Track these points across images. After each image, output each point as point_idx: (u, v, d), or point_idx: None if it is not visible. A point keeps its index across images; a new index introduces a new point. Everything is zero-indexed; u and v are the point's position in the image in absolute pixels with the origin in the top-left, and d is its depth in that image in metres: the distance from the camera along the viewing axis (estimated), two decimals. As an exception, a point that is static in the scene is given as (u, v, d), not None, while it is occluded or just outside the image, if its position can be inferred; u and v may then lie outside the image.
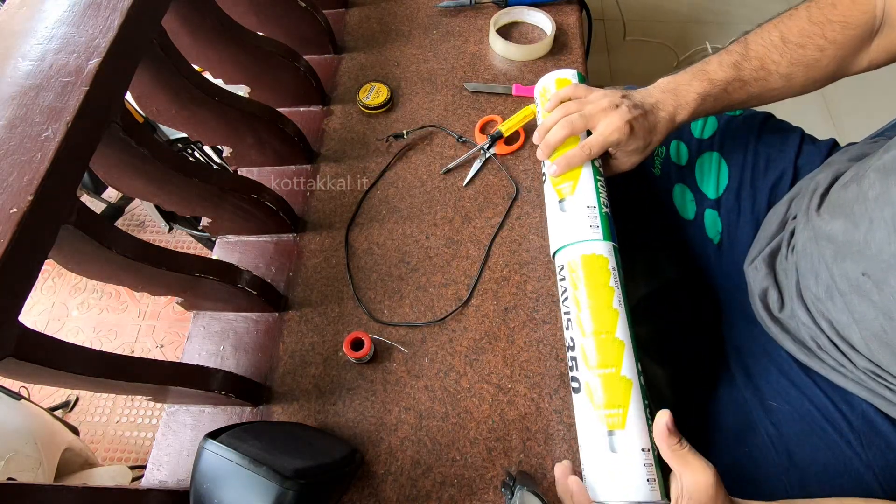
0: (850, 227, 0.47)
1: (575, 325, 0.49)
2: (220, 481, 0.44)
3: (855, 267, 0.46)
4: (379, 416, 0.56)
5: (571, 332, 0.50)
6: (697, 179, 0.68)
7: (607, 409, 0.45)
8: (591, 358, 0.47)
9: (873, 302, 0.45)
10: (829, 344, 0.50)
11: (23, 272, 0.34)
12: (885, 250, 0.44)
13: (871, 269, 0.45)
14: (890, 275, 0.43)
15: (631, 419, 0.45)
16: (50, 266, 1.42)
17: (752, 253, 0.62)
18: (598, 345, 0.47)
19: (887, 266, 0.43)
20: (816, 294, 0.51)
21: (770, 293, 0.57)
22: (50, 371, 0.37)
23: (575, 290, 0.50)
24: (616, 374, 0.46)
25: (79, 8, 0.44)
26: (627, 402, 0.45)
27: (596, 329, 0.48)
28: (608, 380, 0.46)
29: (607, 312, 0.48)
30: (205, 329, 0.64)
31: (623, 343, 0.47)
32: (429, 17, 0.87)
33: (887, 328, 0.44)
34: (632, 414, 0.45)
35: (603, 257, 0.51)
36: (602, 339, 0.47)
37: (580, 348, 0.48)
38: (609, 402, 0.46)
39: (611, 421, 0.45)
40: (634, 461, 0.43)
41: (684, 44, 1.68)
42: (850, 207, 0.48)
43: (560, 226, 0.55)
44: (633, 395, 0.45)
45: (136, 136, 0.46)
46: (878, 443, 0.49)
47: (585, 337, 0.48)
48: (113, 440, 1.26)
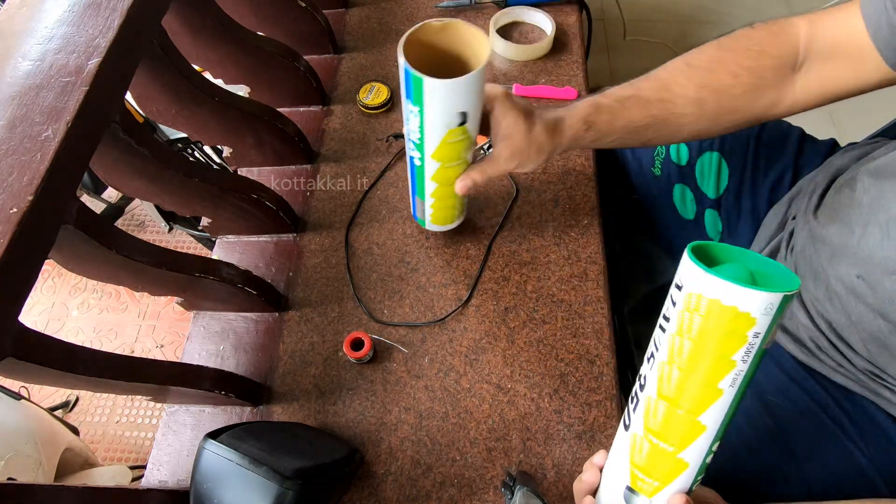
0: (845, 231, 0.47)
1: (654, 373, 0.35)
2: (220, 481, 0.44)
3: (850, 270, 0.46)
4: (379, 416, 0.56)
5: (649, 373, 0.36)
6: (697, 179, 0.68)
7: (643, 473, 0.37)
8: (654, 422, 0.36)
9: (869, 304, 0.45)
10: (829, 345, 0.50)
11: (23, 272, 0.34)
12: (876, 254, 0.44)
13: (865, 272, 0.45)
14: (884, 277, 0.43)
15: (662, 496, 0.37)
16: (50, 266, 1.42)
17: None
18: (671, 416, 0.35)
19: (881, 269, 0.43)
20: (815, 295, 0.51)
21: None
22: (50, 371, 0.37)
23: (679, 333, 0.33)
24: (672, 455, 0.35)
25: (79, 8, 0.44)
26: (670, 482, 0.36)
27: (677, 400, 0.34)
28: (660, 454, 0.36)
29: (706, 391, 0.33)
30: (205, 329, 0.64)
31: (704, 428, 0.34)
32: (429, 17, 0.87)
33: (884, 329, 0.44)
34: (668, 490, 0.36)
35: (744, 315, 0.30)
36: (679, 415, 0.34)
37: (647, 401, 0.36)
38: (649, 470, 0.37)
39: (640, 484, 0.37)
40: None
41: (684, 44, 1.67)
42: (845, 212, 0.48)
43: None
44: (682, 477, 0.36)
45: (136, 136, 0.46)
46: (880, 438, 0.49)
47: (660, 398, 0.35)
48: (113, 440, 1.26)
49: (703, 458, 0.35)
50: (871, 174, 0.47)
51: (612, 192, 0.75)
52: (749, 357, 0.32)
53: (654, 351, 0.36)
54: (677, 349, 0.33)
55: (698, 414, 0.34)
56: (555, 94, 0.77)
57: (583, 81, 0.78)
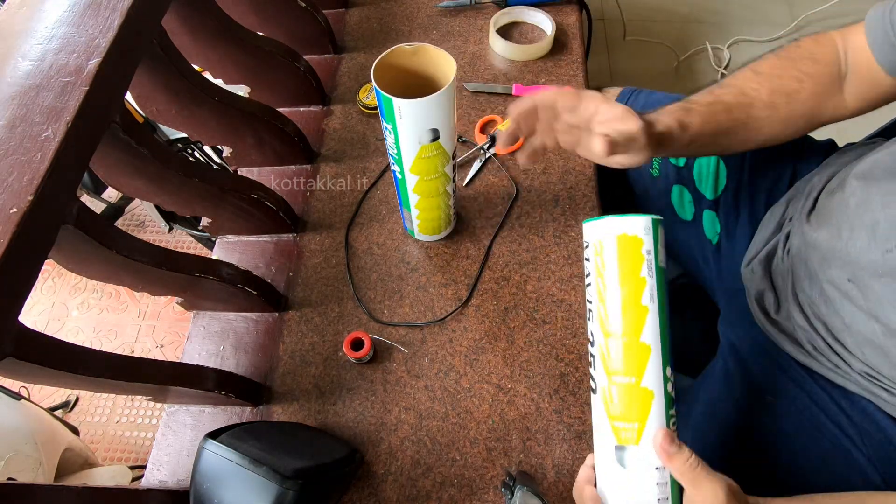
0: (834, 235, 0.48)
1: (595, 319, 0.42)
2: (220, 481, 0.44)
3: (841, 273, 0.47)
4: (379, 416, 0.56)
5: (592, 324, 0.42)
6: (696, 180, 0.68)
7: (622, 422, 0.40)
8: (610, 362, 0.41)
9: (860, 307, 0.45)
10: (826, 346, 0.50)
11: (23, 272, 0.34)
12: (864, 257, 0.44)
13: (855, 276, 0.45)
14: (874, 280, 0.43)
15: (647, 435, 0.39)
16: (50, 266, 1.42)
17: (749, 255, 0.62)
18: (619, 348, 0.40)
19: (870, 272, 0.44)
20: (811, 297, 0.51)
21: (766, 295, 0.57)
22: (50, 371, 0.37)
23: (599, 276, 0.41)
24: (635, 385, 0.40)
25: (79, 8, 0.44)
26: (645, 417, 0.39)
27: (617, 330, 0.40)
28: (625, 390, 0.40)
29: (633, 311, 0.40)
30: (205, 329, 0.64)
31: (649, 349, 0.40)
32: (429, 17, 0.87)
33: (878, 332, 0.44)
34: (649, 429, 0.39)
35: (638, 239, 0.40)
36: (624, 343, 0.40)
37: (598, 348, 0.42)
38: (624, 414, 0.40)
39: (624, 435, 0.40)
40: (646, 480, 0.39)
41: (684, 44, 1.68)
42: (834, 215, 0.49)
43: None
44: (654, 409, 0.39)
45: (136, 136, 0.46)
46: (878, 437, 0.49)
47: (606, 337, 0.41)
48: (113, 440, 1.26)
49: (662, 384, 0.40)
50: (857, 177, 0.48)
51: (611, 192, 0.75)
52: (652, 272, 0.40)
53: (589, 307, 0.43)
54: (602, 289, 0.41)
55: (638, 335, 0.39)
56: (555, 94, 0.77)
57: (583, 81, 0.78)
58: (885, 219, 0.43)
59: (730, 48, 1.67)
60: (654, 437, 0.38)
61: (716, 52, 1.66)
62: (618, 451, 0.40)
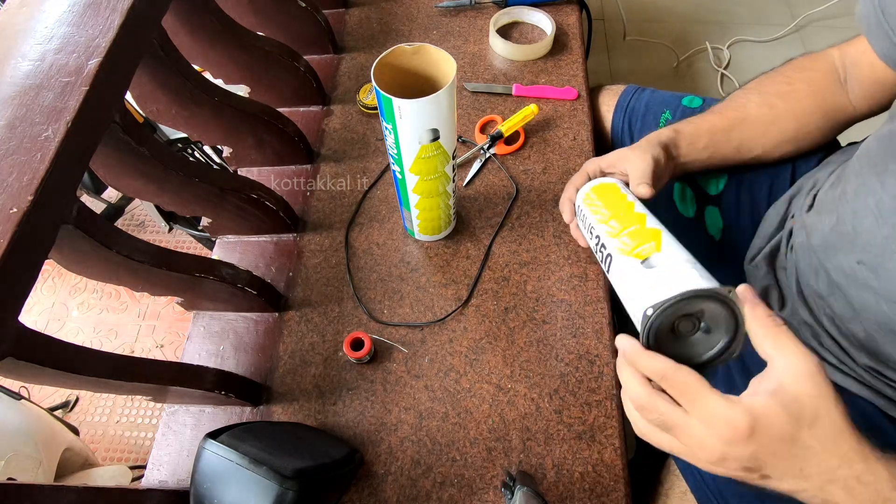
0: (837, 223, 0.48)
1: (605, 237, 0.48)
2: (220, 481, 0.44)
3: (848, 258, 0.47)
4: (379, 416, 0.56)
5: (605, 249, 0.47)
6: (697, 176, 0.68)
7: (640, 247, 0.43)
8: (616, 229, 0.47)
9: (872, 289, 0.45)
10: (831, 341, 0.50)
11: (23, 272, 0.34)
12: (876, 235, 0.44)
13: (865, 257, 0.45)
14: (886, 259, 0.43)
15: (666, 242, 0.42)
16: (50, 266, 1.42)
17: (751, 251, 0.62)
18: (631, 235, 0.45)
19: (881, 251, 0.44)
20: (817, 291, 0.51)
21: (771, 292, 0.57)
22: (50, 371, 0.37)
23: (596, 213, 0.51)
24: (641, 228, 0.45)
25: (79, 8, 0.44)
26: (659, 236, 0.43)
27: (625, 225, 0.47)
28: (636, 232, 0.45)
29: (632, 215, 0.48)
30: (205, 329, 0.64)
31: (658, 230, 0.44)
32: (429, 17, 0.87)
33: (890, 314, 0.44)
34: (666, 240, 0.42)
35: (612, 184, 0.53)
36: (634, 230, 0.46)
37: (614, 248, 0.46)
38: (640, 241, 0.44)
39: (645, 252, 0.42)
40: (679, 263, 0.39)
41: (684, 44, 1.68)
42: (834, 205, 0.49)
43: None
44: (664, 234, 0.43)
45: (136, 136, 0.46)
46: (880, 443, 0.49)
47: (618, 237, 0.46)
48: (113, 440, 1.26)
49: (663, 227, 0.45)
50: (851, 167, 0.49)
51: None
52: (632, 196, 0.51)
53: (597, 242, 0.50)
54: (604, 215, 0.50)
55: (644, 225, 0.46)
56: (555, 94, 0.77)
57: (583, 81, 0.78)
58: (886, 196, 0.43)
59: (730, 48, 1.67)
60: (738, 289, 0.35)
61: (716, 52, 1.66)
62: (644, 264, 0.41)
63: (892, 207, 0.43)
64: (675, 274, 0.38)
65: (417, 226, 0.63)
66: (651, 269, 0.40)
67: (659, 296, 0.36)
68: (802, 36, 1.70)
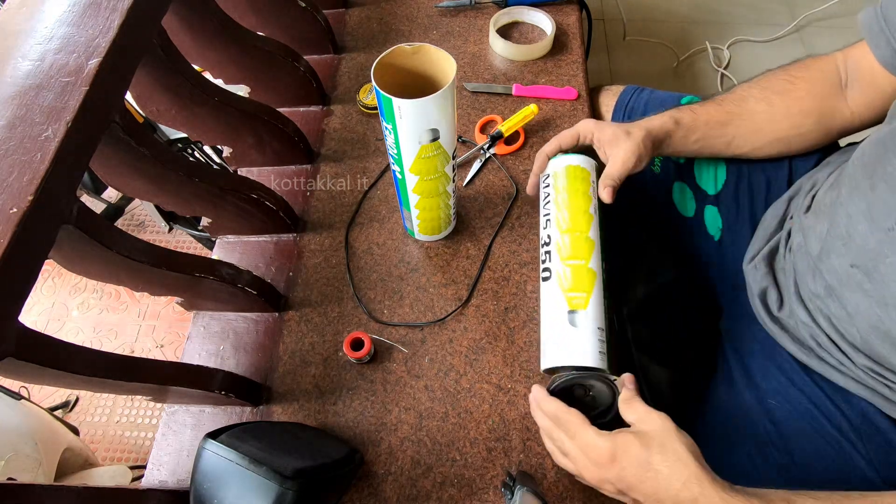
0: (832, 226, 0.48)
1: (553, 224, 0.56)
2: (220, 481, 0.44)
3: (842, 261, 0.47)
4: (379, 416, 0.56)
5: (549, 230, 0.56)
6: (696, 176, 0.68)
7: (573, 293, 0.52)
8: (565, 250, 0.54)
9: (866, 292, 0.45)
10: (829, 342, 0.50)
11: (23, 272, 0.34)
12: (869, 240, 0.44)
13: (858, 261, 0.45)
14: (879, 262, 0.43)
15: (592, 303, 0.51)
16: (50, 266, 1.42)
17: (750, 252, 0.62)
18: (573, 241, 0.54)
19: (874, 255, 0.44)
20: (815, 292, 0.51)
21: (769, 293, 0.57)
22: (50, 371, 0.37)
23: (557, 194, 0.57)
24: (585, 266, 0.53)
25: (79, 8, 0.44)
26: (591, 289, 0.52)
27: (572, 227, 0.55)
28: (577, 269, 0.53)
29: (583, 216, 0.55)
30: (205, 329, 0.64)
31: (594, 242, 0.54)
32: (429, 17, 0.87)
33: (883, 317, 0.44)
34: (594, 299, 0.52)
35: (585, 170, 0.58)
36: (576, 237, 0.54)
37: (555, 243, 0.55)
38: (576, 286, 0.52)
39: (575, 302, 0.52)
40: (590, 335, 0.50)
41: (684, 44, 1.68)
42: (830, 207, 0.49)
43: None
44: (597, 285, 0.52)
45: (136, 136, 0.46)
46: (879, 440, 0.49)
47: (562, 234, 0.55)
48: (113, 440, 1.26)
49: (601, 270, 0.54)
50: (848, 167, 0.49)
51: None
52: (595, 194, 0.57)
53: (546, 218, 0.57)
54: (560, 201, 0.57)
55: (587, 232, 0.54)
56: (555, 94, 0.77)
57: (583, 81, 0.78)
58: (877, 201, 0.44)
59: (730, 48, 1.67)
60: (623, 376, 0.47)
61: (716, 52, 1.66)
62: (570, 314, 0.51)
63: (882, 212, 0.43)
64: (585, 345, 0.50)
65: (417, 226, 0.63)
66: (573, 328, 0.51)
67: (568, 359, 0.50)
68: (802, 36, 1.70)
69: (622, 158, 0.56)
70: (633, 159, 0.56)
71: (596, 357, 0.49)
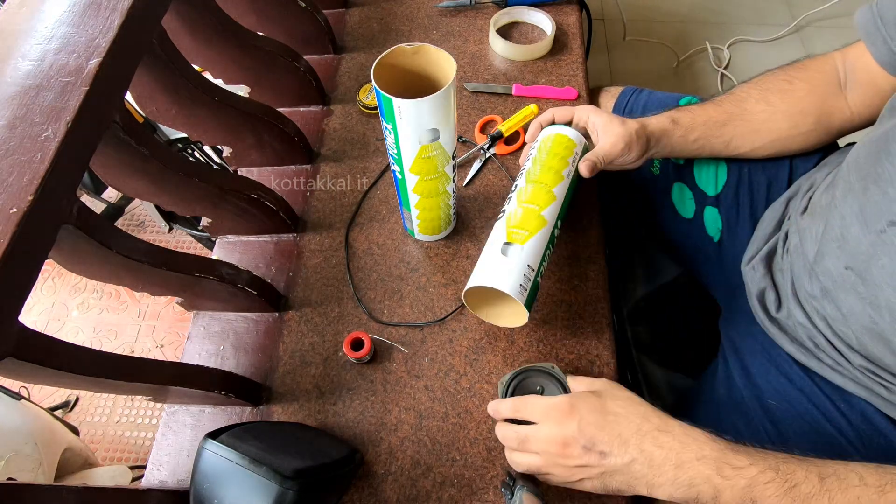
0: (827, 227, 0.49)
1: (524, 175, 0.58)
2: (220, 481, 0.44)
3: (837, 263, 0.47)
4: (379, 416, 0.56)
5: (518, 181, 0.58)
6: (696, 177, 0.68)
7: (516, 229, 0.53)
8: (524, 195, 0.56)
9: (859, 294, 0.45)
10: (826, 343, 0.51)
11: (23, 272, 0.34)
12: (862, 242, 0.44)
13: (852, 263, 0.45)
14: (871, 265, 0.43)
15: (531, 243, 0.52)
16: (50, 266, 1.42)
17: (749, 253, 0.62)
18: (535, 189, 0.56)
19: (867, 257, 0.44)
20: (811, 293, 0.51)
21: (767, 294, 0.57)
22: (50, 371, 0.37)
23: (538, 154, 0.59)
24: (537, 211, 0.54)
25: (79, 8, 0.44)
26: (535, 231, 0.53)
27: (539, 179, 0.56)
28: (528, 212, 0.54)
29: (554, 174, 0.57)
30: (205, 329, 0.64)
31: (555, 197, 0.55)
32: (429, 17, 0.87)
33: (876, 319, 0.44)
34: (534, 240, 0.53)
35: (571, 140, 0.60)
36: (539, 187, 0.56)
37: (519, 189, 0.57)
38: (521, 224, 0.54)
39: (514, 236, 0.53)
40: (515, 267, 0.51)
41: (684, 44, 1.68)
42: (826, 208, 0.50)
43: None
44: (542, 232, 0.53)
45: (136, 136, 0.46)
46: (878, 440, 0.49)
47: (528, 182, 0.57)
48: (113, 440, 1.26)
49: (553, 224, 0.55)
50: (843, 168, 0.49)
51: (612, 191, 0.75)
52: (574, 163, 0.58)
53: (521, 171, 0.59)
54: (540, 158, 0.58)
55: (552, 188, 0.56)
56: (555, 94, 0.77)
57: (583, 81, 0.78)
58: (869, 203, 0.44)
59: (730, 48, 1.67)
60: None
61: (716, 52, 1.67)
62: (504, 245, 0.53)
63: (874, 214, 0.43)
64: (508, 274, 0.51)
65: (417, 226, 0.63)
66: (502, 257, 0.52)
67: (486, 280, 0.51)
68: (802, 36, 1.70)
69: (611, 142, 0.57)
70: (621, 144, 0.56)
71: (515, 287, 0.50)
